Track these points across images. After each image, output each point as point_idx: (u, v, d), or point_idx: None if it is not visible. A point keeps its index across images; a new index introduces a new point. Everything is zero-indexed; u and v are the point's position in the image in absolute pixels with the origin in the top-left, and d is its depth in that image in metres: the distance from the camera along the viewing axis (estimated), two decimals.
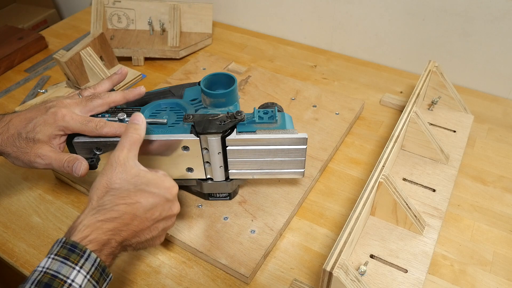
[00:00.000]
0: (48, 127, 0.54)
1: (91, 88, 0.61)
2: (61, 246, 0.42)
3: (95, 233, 0.44)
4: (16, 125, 0.55)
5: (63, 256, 0.42)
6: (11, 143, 0.55)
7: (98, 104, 0.57)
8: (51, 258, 0.42)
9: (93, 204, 0.46)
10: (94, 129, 0.55)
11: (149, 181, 0.48)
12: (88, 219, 0.45)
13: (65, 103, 0.56)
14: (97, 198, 0.46)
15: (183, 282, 0.58)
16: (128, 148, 0.49)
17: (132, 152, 0.50)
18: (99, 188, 0.47)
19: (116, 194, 0.46)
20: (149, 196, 0.48)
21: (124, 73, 0.63)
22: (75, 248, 0.42)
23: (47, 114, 0.54)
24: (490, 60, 0.88)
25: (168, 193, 0.50)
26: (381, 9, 0.94)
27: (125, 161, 0.48)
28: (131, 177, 0.48)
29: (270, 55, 1.04)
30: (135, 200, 0.47)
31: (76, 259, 0.42)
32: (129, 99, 0.60)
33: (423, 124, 0.68)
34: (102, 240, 0.44)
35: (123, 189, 0.47)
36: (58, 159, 0.54)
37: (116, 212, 0.46)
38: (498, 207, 0.67)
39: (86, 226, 0.44)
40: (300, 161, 0.59)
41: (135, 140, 0.50)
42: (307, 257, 0.61)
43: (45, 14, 1.52)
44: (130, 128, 0.51)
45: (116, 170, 0.48)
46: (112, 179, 0.47)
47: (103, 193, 0.47)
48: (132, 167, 0.48)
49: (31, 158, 0.54)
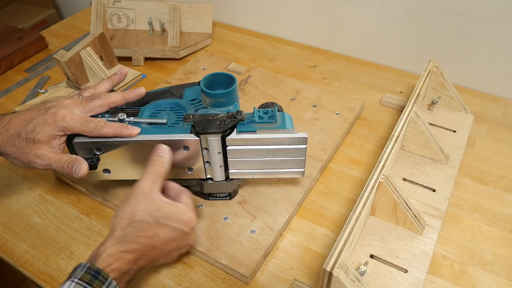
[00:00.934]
0: (48, 127, 0.54)
1: (91, 88, 0.61)
2: (85, 271, 0.45)
3: (117, 263, 0.47)
4: (16, 125, 0.55)
5: (87, 281, 0.44)
6: (10, 143, 0.55)
7: (98, 104, 0.57)
8: (75, 282, 0.44)
9: (116, 234, 0.49)
10: (94, 129, 0.55)
11: (169, 214, 0.51)
12: (111, 249, 0.48)
13: (65, 104, 0.56)
14: (120, 229, 0.49)
15: (183, 282, 0.58)
16: (153, 180, 0.52)
17: (157, 184, 0.53)
18: (122, 219, 0.50)
19: (137, 227, 0.50)
20: (168, 230, 0.51)
21: (124, 73, 0.63)
22: (99, 275, 0.45)
23: (47, 115, 0.54)
24: (490, 60, 0.88)
25: (186, 227, 0.53)
26: (381, 9, 0.94)
27: (149, 193, 0.52)
28: (153, 209, 0.51)
29: (270, 55, 1.04)
30: (154, 234, 0.50)
31: (99, 285, 0.44)
32: (129, 99, 0.60)
33: (423, 124, 0.68)
34: (123, 270, 0.48)
35: (144, 222, 0.50)
36: (58, 159, 0.54)
37: (136, 244, 0.49)
38: (498, 207, 0.67)
39: (109, 255, 0.47)
40: (300, 160, 0.59)
41: (160, 172, 0.53)
42: (307, 257, 0.61)
43: (45, 14, 1.52)
44: (155, 160, 0.54)
45: (140, 202, 0.51)
46: (135, 211, 0.50)
47: (126, 224, 0.50)
48: (155, 200, 0.52)
49: (30, 159, 0.54)
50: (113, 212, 0.68)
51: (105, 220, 0.67)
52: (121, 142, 0.56)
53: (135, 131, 0.56)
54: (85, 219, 0.67)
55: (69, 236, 0.64)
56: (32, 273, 0.60)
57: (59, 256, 0.62)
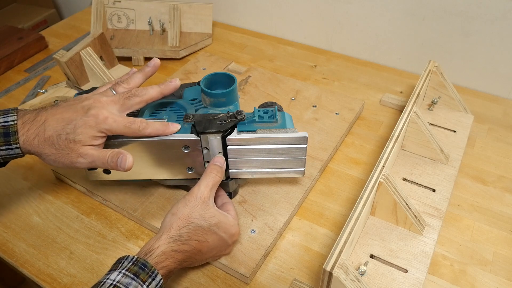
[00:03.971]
0: (89, 129, 0.53)
1: (123, 82, 0.59)
2: (132, 263, 0.47)
3: (168, 261, 0.49)
4: (53, 126, 0.53)
5: (134, 272, 0.46)
6: (49, 145, 0.53)
7: (136, 102, 0.56)
8: (122, 273, 0.45)
9: (172, 232, 0.51)
10: (137, 130, 0.54)
11: (221, 224, 0.54)
12: (165, 247, 0.50)
13: (103, 103, 0.54)
14: (177, 228, 0.52)
15: (183, 282, 0.58)
16: (211, 187, 0.55)
17: (213, 192, 0.56)
18: (180, 218, 0.53)
19: (192, 229, 0.52)
20: (216, 238, 0.54)
21: (157, 65, 0.61)
22: (145, 267, 0.46)
23: (88, 116, 0.53)
24: (490, 60, 0.88)
25: (230, 239, 0.56)
26: (381, 9, 0.94)
27: (207, 200, 0.55)
28: (209, 216, 0.54)
29: (270, 55, 1.04)
30: (205, 239, 0.53)
31: (145, 277, 0.46)
32: (166, 94, 0.59)
33: (423, 124, 0.68)
34: (171, 268, 0.50)
35: (199, 226, 0.53)
36: (101, 156, 0.53)
37: (188, 246, 0.52)
38: (498, 207, 0.67)
39: (163, 253, 0.49)
40: (301, 160, 0.59)
41: (217, 181, 0.57)
42: (307, 257, 0.61)
43: (45, 14, 1.52)
44: (213, 170, 0.57)
45: (198, 206, 0.54)
46: (193, 214, 0.53)
47: (183, 224, 0.52)
48: (210, 207, 0.55)
49: (72, 159, 0.53)
50: (113, 212, 0.68)
51: (105, 220, 0.67)
52: (122, 142, 0.56)
53: (176, 128, 0.57)
54: (85, 219, 0.67)
55: (69, 236, 0.64)
56: (32, 273, 0.60)
57: (59, 256, 0.62)
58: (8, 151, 0.53)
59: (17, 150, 0.53)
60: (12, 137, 0.52)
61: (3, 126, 0.52)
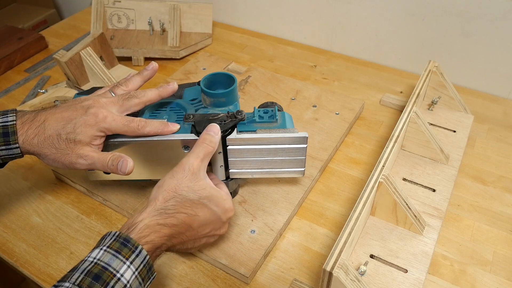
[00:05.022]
0: (89, 128, 0.53)
1: (122, 85, 0.59)
2: (114, 239, 0.44)
3: (153, 235, 0.46)
4: (53, 125, 0.53)
5: (115, 249, 0.43)
6: (49, 145, 0.53)
7: (134, 103, 0.56)
8: (103, 250, 0.43)
9: (157, 205, 0.48)
10: (136, 129, 0.54)
11: (212, 196, 0.51)
12: (149, 220, 0.47)
13: (102, 103, 0.55)
14: (163, 200, 0.48)
15: (183, 282, 0.58)
16: (201, 158, 0.52)
17: (204, 163, 0.52)
18: (166, 190, 0.49)
19: (180, 201, 0.49)
20: (207, 212, 0.51)
21: (155, 68, 0.62)
22: (128, 243, 0.44)
23: (87, 115, 0.53)
24: (490, 60, 0.88)
25: (224, 214, 0.53)
26: (381, 9, 0.94)
27: (197, 171, 0.51)
28: (198, 188, 0.50)
29: (270, 55, 1.04)
30: (195, 213, 0.50)
31: (128, 253, 0.43)
32: (164, 96, 0.59)
33: (423, 124, 0.68)
34: (157, 243, 0.46)
35: (188, 198, 0.49)
36: (102, 158, 0.53)
37: (175, 220, 0.48)
38: (498, 207, 0.67)
39: (146, 226, 0.46)
40: (301, 160, 0.59)
41: (209, 152, 0.52)
42: (307, 257, 0.61)
43: (45, 14, 1.52)
44: (205, 139, 0.53)
45: (186, 177, 0.50)
46: (181, 185, 0.49)
47: (169, 196, 0.49)
48: (201, 178, 0.51)
49: (72, 160, 0.53)
50: (113, 212, 0.68)
51: (105, 220, 0.67)
52: (121, 142, 0.56)
53: (175, 128, 0.56)
54: (85, 219, 0.67)
55: (69, 236, 0.64)
56: (32, 273, 0.60)
57: (59, 256, 0.62)
58: (7, 151, 0.53)
59: (16, 150, 0.53)
60: (12, 137, 0.52)
61: (2, 126, 0.52)
